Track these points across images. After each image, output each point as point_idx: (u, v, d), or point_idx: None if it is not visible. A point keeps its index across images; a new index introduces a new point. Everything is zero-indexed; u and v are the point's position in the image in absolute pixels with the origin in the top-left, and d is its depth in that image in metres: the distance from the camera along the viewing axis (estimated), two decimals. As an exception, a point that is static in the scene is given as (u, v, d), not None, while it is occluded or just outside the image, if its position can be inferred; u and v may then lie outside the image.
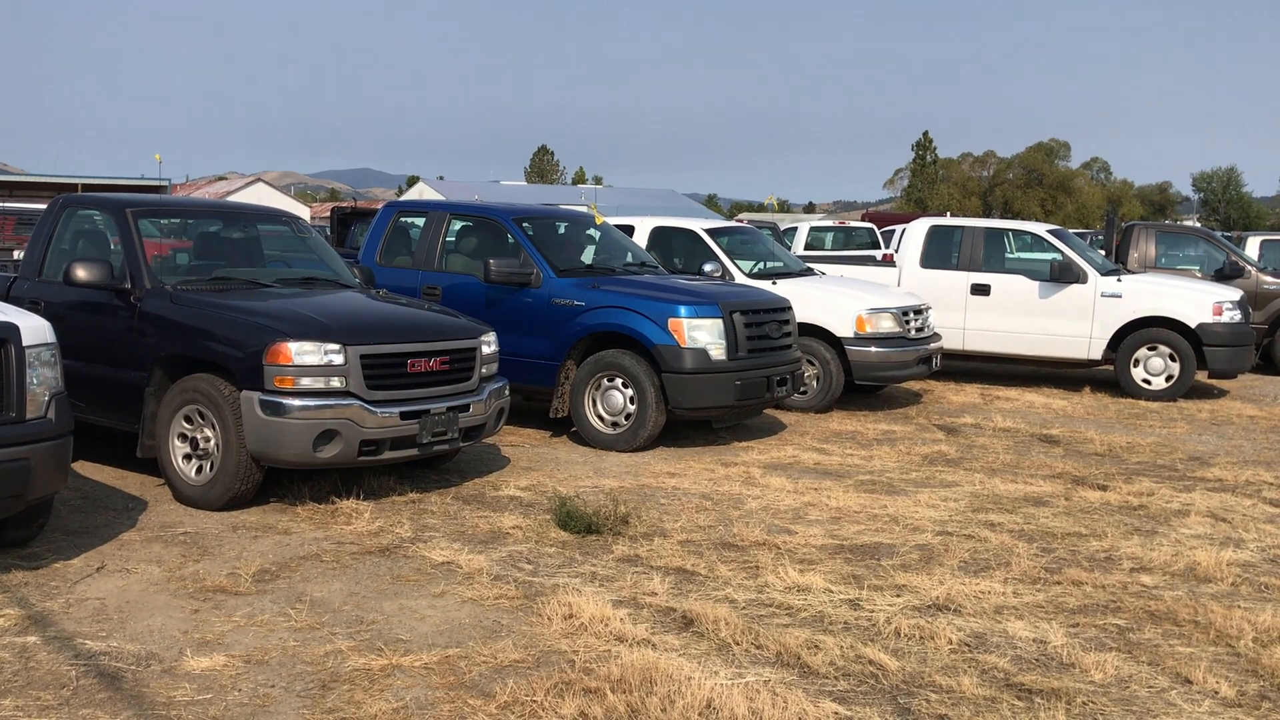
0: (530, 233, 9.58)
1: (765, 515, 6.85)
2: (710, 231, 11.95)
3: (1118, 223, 16.58)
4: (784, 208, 66.68)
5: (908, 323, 11.03)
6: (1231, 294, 12.57)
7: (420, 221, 10.32)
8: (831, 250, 22.59)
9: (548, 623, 4.87)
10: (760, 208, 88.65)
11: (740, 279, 11.16)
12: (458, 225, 10.18)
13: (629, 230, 12.04)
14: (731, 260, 11.47)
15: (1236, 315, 12.25)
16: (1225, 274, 14.81)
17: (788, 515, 6.87)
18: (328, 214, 34.85)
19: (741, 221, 25.71)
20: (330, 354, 6.48)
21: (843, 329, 10.70)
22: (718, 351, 8.69)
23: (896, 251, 14.62)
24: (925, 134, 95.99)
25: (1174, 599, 5.38)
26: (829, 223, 27.33)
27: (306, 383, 6.40)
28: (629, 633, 4.75)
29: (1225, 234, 19.38)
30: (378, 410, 6.60)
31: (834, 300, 10.92)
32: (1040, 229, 13.30)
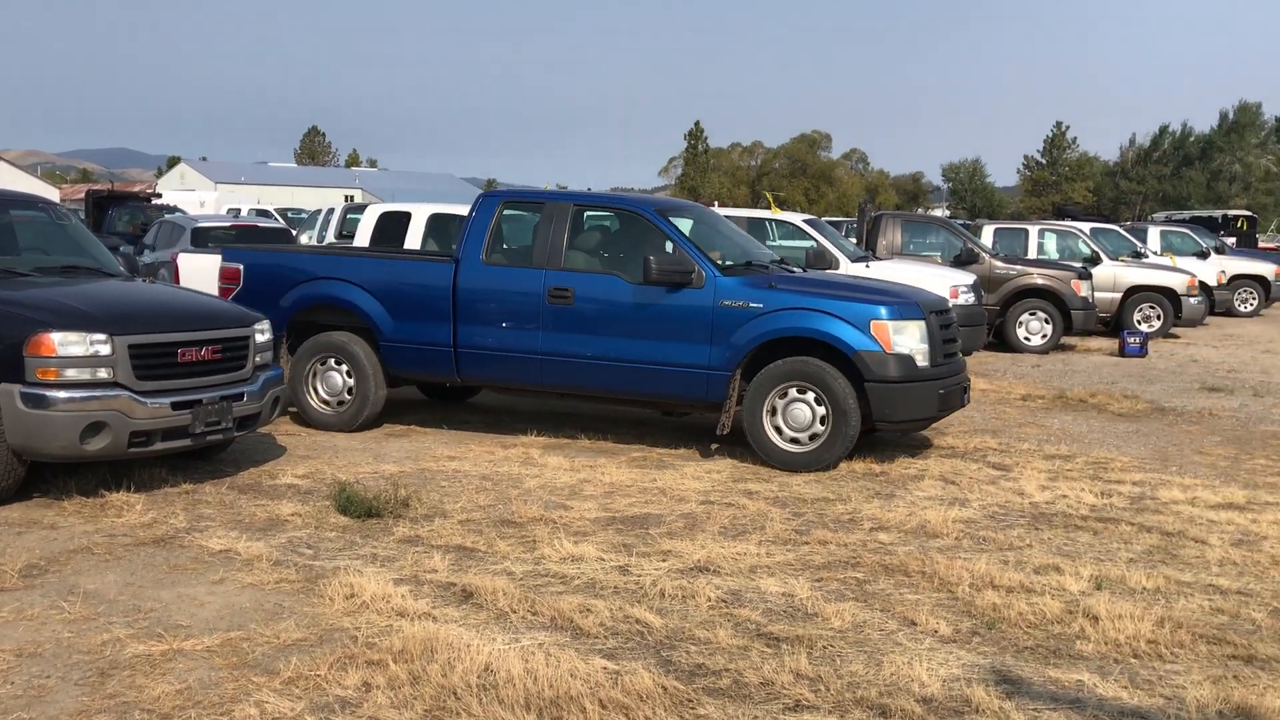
0: (681, 227, 8.62)
1: (543, 493, 7.16)
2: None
3: (869, 212, 17.82)
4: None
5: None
6: (966, 278, 13.77)
7: (530, 215, 9.28)
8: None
9: (329, 603, 5.02)
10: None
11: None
12: (587, 219, 9.19)
13: (406, 217, 12.09)
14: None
15: (971, 298, 13.44)
16: (962, 259, 16.14)
17: (564, 492, 7.20)
18: (80, 196, 32.85)
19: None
20: (96, 344, 6.35)
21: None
22: (922, 358, 7.92)
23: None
24: (697, 123, 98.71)
25: (906, 553, 6.02)
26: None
27: (71, 374, 6.25)
28: (410, 608, 4.96)
29: (963, 223, 21.06)
30: (148, 401, 6.52)
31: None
32: (797, 219, 14.18)
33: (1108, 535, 6.47)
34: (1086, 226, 21.76)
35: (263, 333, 7.48)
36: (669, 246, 8.32)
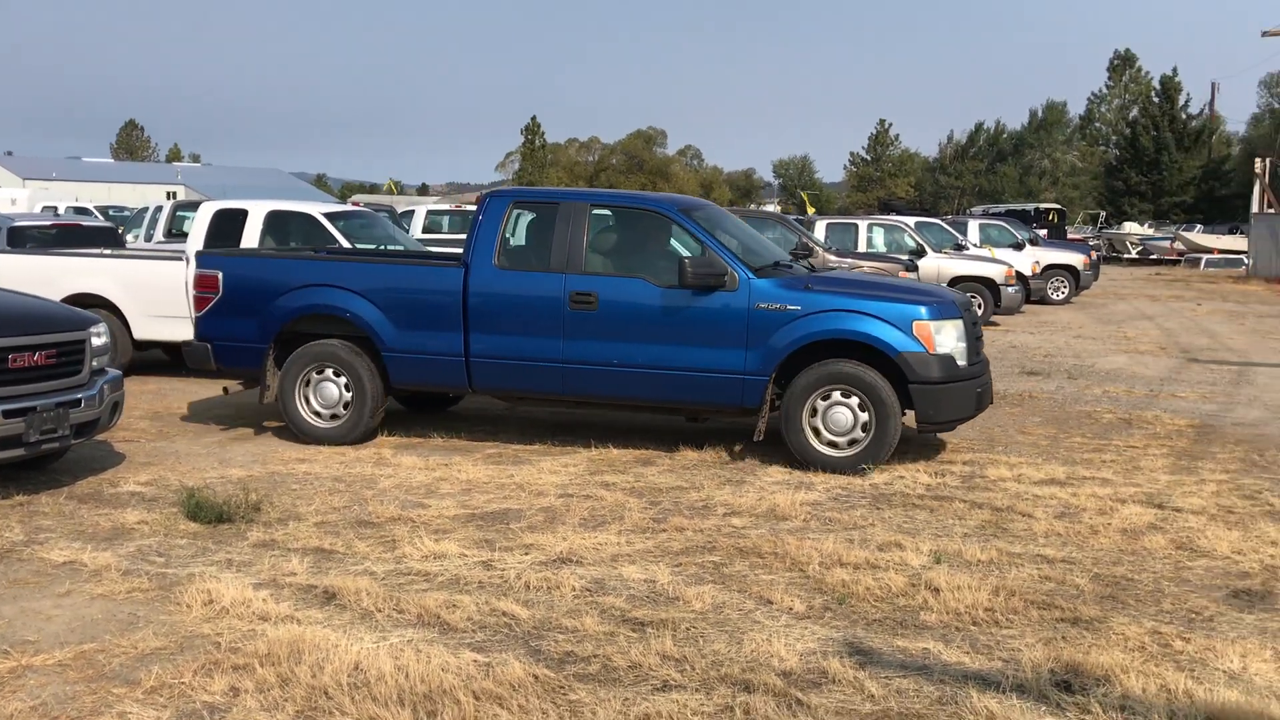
0: (707, 226, 8.29)
1: (399, 492, 7.12)
2: (329, 216, 11.94)
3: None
4: (398, 189, 66.21)
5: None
6: (804, 272, 14.22)
7: (542, 215, 8.64)
8: (449, 234, 22.91)
9: (187, 610, 4.91)
10: (373, 188, 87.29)
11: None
12: (605, 220, 8.75)
13: (242, 214, 11.77)
14: (351, 243, 11.53)
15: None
16: (797, 253, 16.65)
17: (420, 491, 7.19)
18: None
19: (357, 204, 25.44)
20: (-82, 351, 6.02)
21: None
22: (961, 357, 7.90)
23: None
24: (534, 118, 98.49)
25: (758, 536, 6.25)
26: (446, 206, 27.62)
27: (-109, 383, 5.91)
28: (272, 611, 4.90)
29: (797, 218, 21.78)
30: (-23, 410, 6.21)
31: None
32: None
33: (943, 512, 6.86)
34: (911, 220, 22.75)
35: (99, 335, 7.21)
36: (697, 248, 8.12)
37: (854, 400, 7.78)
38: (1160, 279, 36.59)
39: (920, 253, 19.41)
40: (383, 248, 12.30)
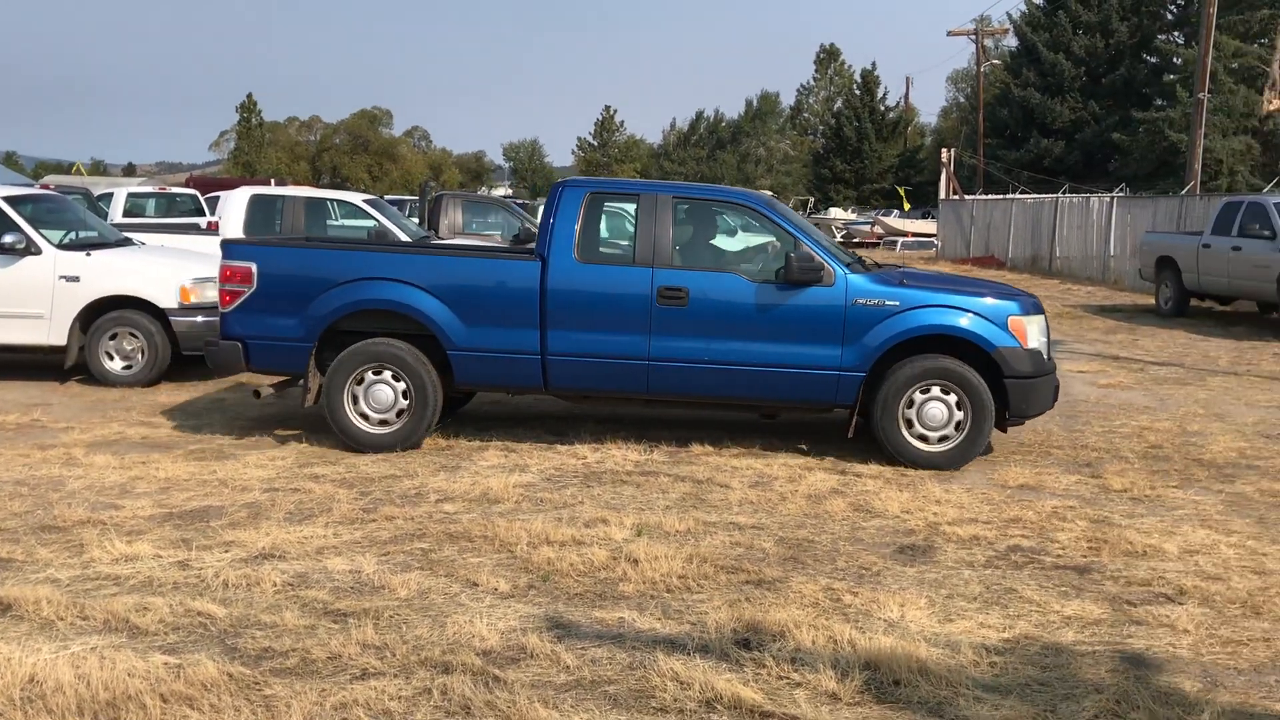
0: (796, 221, 8.06)
1: (89, 494, 6.75)
2: (10, 200, 11.03)
3: (430, 192, 18.07)
4: (100, 170, 61.57)
5: (233, 292, 11.16)
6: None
7: (619, 208, 7.96)
8: (154, 218, 21.59)
9: None
10: (71, 168, 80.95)
11: (49, 252, 10.50)
12: (690, 212, 8.39)
13: (-96, 198, 10.68)
14: (37, 231, 10.72)
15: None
16: (521, 238, 16.83)
17: (114, 491, 6.84)
18: None
19: (48, 186, 23.59)
20: None
21: (166, 300, 10.58)
22: (1045, 352, 8.01)
23: (220, 219, 14.57)
24: (250, 96, 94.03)
25: (470, 520, 6.35)
26: (150, 189, 25.99)
27: None
28: (-63, 628, 4.57)
29: (521, 203, 21.96)
30: None
31: (156, 271, 10.75)
32: (358, 199, 14.12)
33: (649, 487, 7.19)
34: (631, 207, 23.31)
35: None
36: (790, 243, 8.02)
37: (946, 394, 7.84)
38: (863, 261, 39.22)
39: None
40: (75, 234, 11.49)
